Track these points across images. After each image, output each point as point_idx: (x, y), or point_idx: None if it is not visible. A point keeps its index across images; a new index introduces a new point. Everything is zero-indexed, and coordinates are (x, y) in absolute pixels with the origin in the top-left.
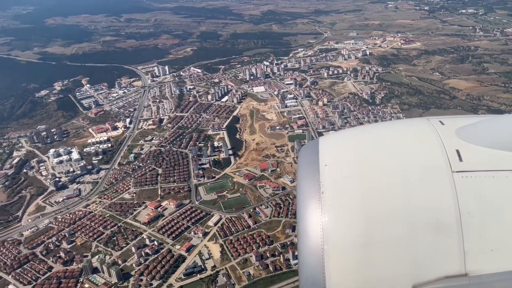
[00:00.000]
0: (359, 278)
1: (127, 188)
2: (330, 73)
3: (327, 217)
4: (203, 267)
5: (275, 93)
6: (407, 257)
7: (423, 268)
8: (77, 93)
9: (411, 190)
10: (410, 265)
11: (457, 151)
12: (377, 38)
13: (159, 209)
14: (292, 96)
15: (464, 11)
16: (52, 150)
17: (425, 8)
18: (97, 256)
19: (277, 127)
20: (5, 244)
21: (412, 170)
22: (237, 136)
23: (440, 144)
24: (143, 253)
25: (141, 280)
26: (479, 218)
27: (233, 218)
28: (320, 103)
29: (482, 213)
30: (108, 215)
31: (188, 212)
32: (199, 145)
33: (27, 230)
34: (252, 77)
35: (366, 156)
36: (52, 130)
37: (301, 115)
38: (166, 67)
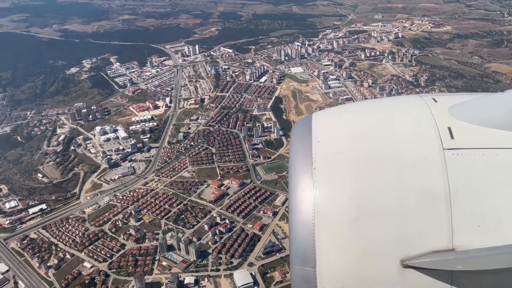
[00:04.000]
0: (348, 252)
1: (184, 167)
2: (368, 54)
3: (319, 192)
4: (280, 246)
5: (315, 74)
6: (396, 233)
7: (411, 243)
8: (108, 71)
9: (402, 167)
10: (399, 240)
11: (449, 129)
12: (404, 21)
13: (222, 187)
14: (334, 77)
15: None
16: (98, 128)
17: None
18: (169, 234)
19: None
20: (70, 221)
21: (403, 147)
22: (284, 117)
23: (432, 121)
24: (217, 231)
25: (220, 258)
26: (468, 195)
27: None
28: (366, 84)
29: (471, 190)
30: (171, 193)
31: (253, 192)
32: (247, 125)
33: (88, 207)
34: (287, 58)
35: (358, 132)
36: (93, 108)
37: (348, 96)
38: (196, 47)
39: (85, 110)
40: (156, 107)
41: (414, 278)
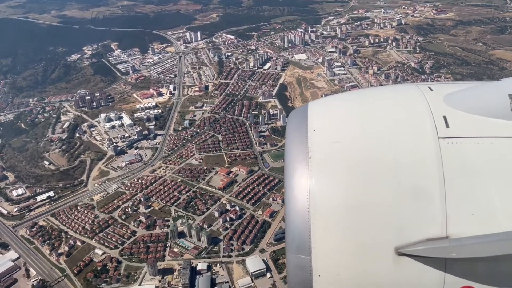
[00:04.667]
0: (343, 240)
1: (191, 154)
2: (372, 41)
3: (314, 181)
4: None
5: (319, 61)
6: (391, 221)
7: (406, 231)
8: (110, 58)
9: (397, 156)
10: (393, 228)
11: (444, 117)
12: (406, 7)
13: (230, 175)
14: (339, 64)
15: None
16: (103, 115)
17: None
18: (180, 221)
19: None
20: (78, 208)
21: (399, 135)
22: (289, 104)
23: (428, 110)
24: (227, 218)
25: (231, 244)
26: (462, 184)
27: None
28: (371, 71)
29: (465, 178)
30: (179, 180)
31: (261, 179)
32: (253, 112)
33: (96, 194)
34: (290, 44)
35: (354, 121)
36: (96, 95)
37: (354, 83)
38: (198, 33)
39: (88, 97)
40: (160, 94)
41: (409, 266)
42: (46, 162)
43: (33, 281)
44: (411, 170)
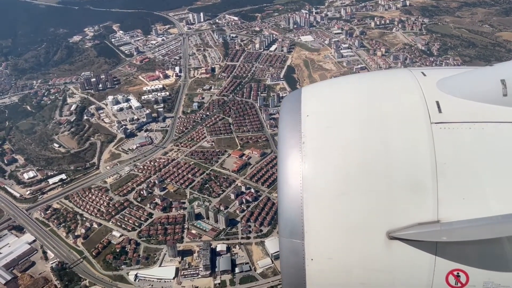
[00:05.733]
0: (336, 225)
1: (203, 137)
2: (377, 23)
3: (307, 166)
4: None
5: (326, 42)
6: (383, 205)
7: (398, 216)
8: (112, 39)
9: (390, 141)
10: (385, 212)
11: (437, 103)
12: None
13: (244, 157)
14: (346, 46)
15: None
16: (110, 97)
17: None
18: (196, 203)
19: None
20: (92, 190)
21: (392, 120)
22: (298, 87)
23: (421, 95)
24: (244, 200)
25: (249, 226)
26: (453, 169)
27: None
28: (379, 53)
29: (457, 163)
30: (192, 162)
31: (275, 161)
32: (262, 95)
33: (109, 177)
34: (295, 26)
35: (347, 106)
36: (102, 77)
37: (362, 65)
38: (201, 14)
39: (94, 79)
40: (166, 76)
41: (400, 250)
42: (56, 145)
43: (51, 263)
44: (404, 155)
